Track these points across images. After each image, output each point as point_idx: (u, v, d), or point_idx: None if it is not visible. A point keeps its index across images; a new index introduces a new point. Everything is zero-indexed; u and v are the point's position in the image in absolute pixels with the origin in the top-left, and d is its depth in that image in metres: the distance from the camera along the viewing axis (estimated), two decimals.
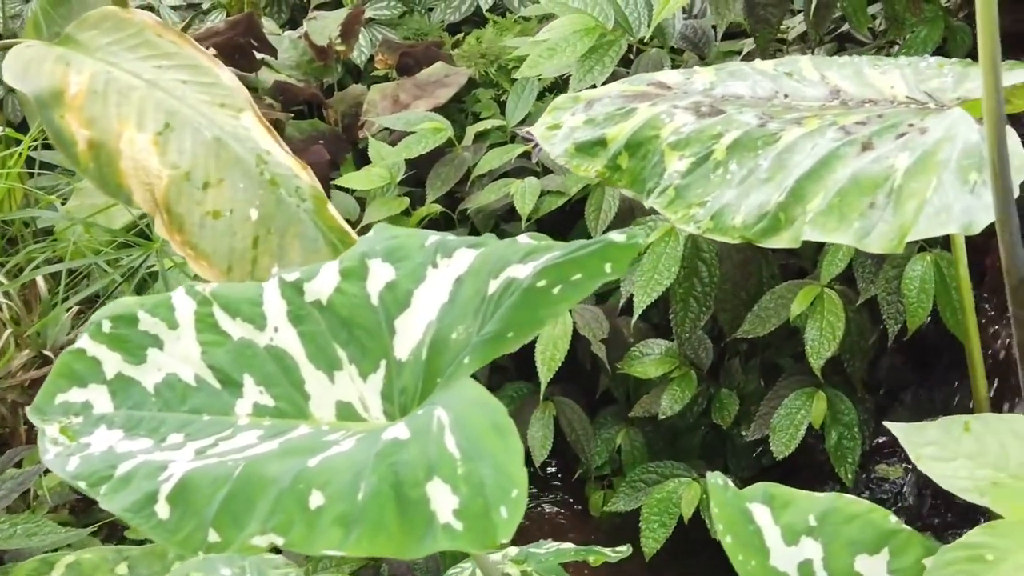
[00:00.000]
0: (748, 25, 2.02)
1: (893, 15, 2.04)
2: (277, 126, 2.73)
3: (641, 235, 0.87)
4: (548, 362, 2.28)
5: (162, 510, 0.86)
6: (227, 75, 1.33)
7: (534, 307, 0.87)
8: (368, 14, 3.20)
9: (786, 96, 1.27)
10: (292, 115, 2.82)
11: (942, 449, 0.95)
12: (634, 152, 1.27)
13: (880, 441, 2.24)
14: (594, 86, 2.40)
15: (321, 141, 2.77)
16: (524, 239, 0.93)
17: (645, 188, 1.25)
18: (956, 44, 2.08)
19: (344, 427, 0.94)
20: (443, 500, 0.78)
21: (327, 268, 0.98)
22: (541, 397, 2.33)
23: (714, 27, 2.36)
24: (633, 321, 2.21)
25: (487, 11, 3.35)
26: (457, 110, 3.04)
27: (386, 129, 2.78)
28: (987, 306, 2.13)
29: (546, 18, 2.85)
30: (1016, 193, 1.02)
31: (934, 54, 2.13)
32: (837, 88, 1.25)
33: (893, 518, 0.96)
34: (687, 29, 2.24)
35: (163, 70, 1.27)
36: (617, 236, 0.89)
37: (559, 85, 2.86)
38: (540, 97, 2.88)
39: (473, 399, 0.84)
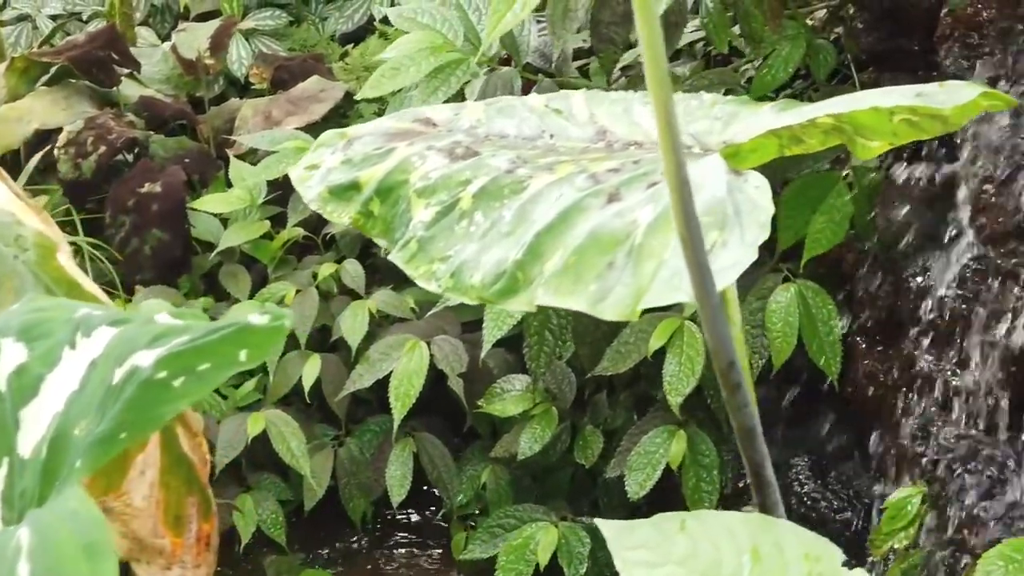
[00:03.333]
0: (592, 44, 1.91)
1: (751, 33, 1.92)
2: (138, 144, 2.60)
3: (288, 316, 0.75)
4: (402, 398, 2.16)
5: None
6: None
7: (150, 404, 0.75)
8: (251, 24, 3.07)
9: (552, 136, 1.15)
10: (153, 132, 2.68)
11: (652, 552, 0.83)
12: (385, 198, 1.14)
13: (747, 482, 2.13)
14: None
15: (187, 160, 2.63)
16: (163, 318, 0.81)
17: (394, 238, 1.13)
18: (819, 63, 1.97)
19: None
20: None
21: None
22: (394, 434, 2.20)
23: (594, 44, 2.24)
24: (483, 355, 2.09)
25: (380, 22, 3.22)
26: (338, 125, 2.91)
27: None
28: (859, 339, 2.02)
29: None
30: (740, 269, 0.90)
31: (796, 74, 2.03)
32: (604, 128, 1.13)
33: None
34: (545, 46, 2.12)
35: None
36: (256, 318, 0.76)
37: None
38: None
39: (69, 514, 0.72)
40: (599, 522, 0.87)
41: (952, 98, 1.03)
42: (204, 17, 3.14)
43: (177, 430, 1.23)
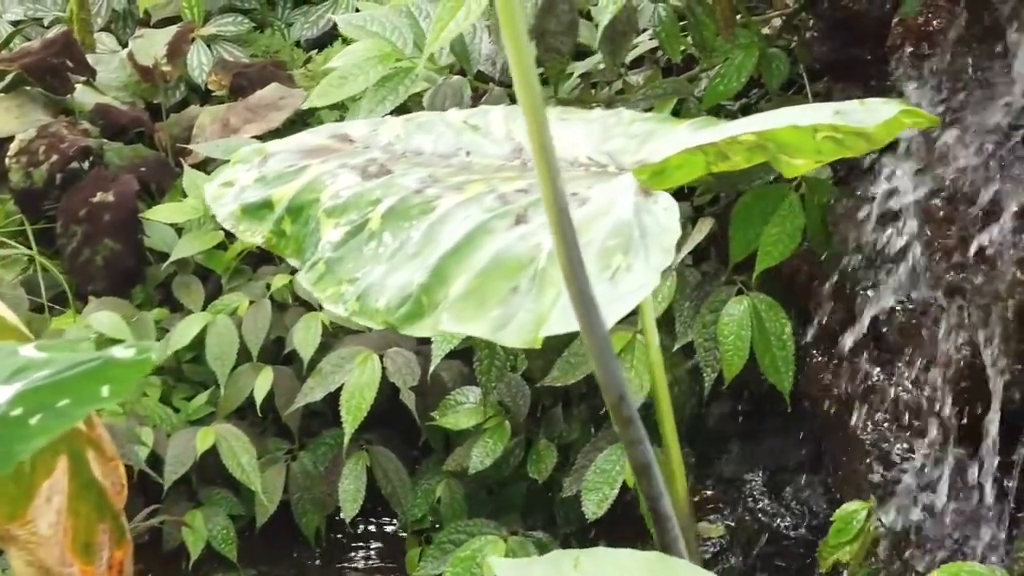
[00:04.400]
0: (538, 54, 1.87)
1: (701, 42, 1.89)
2: (92, 153, 2.56)
3: (156, 348, 0.71)
4: (354, 412, 2.12)
5: None
6: None
7: (4, 442, 0.71)
8: (212, 30, 3.03)
9: (468, 154, 1.12)
10: (111, 140, 2.64)
11: None
12: (296, 217, 1.11)
13: (704, 496, 2.10)
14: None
15: (143, 168, 2.60)
16: (28, 351, 0.77)
17: (304, 259, 1.10)
18: (772, 73, 1.94)
19: None
20: None
21: None
22: (345, 449, 2.16)
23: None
24: (431, 369, 2.06)
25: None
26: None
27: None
28: (815, 352, 1.99)
29: None
30: (643, 294, 0.87)
31: (749, 83, 2.00)
32: (520, 146, 1.10)
33: None
34: (496, 53, 2.09)
35: None
36: (120, 352, 0.73)
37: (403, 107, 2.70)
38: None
39: None
40: (493, 560, 0.83)
41: (872, 116, 1.00)
42: (165, 23, 3.09)
43: (88, 454, 1.19)
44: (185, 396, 2.38)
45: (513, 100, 2.11)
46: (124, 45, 3.11)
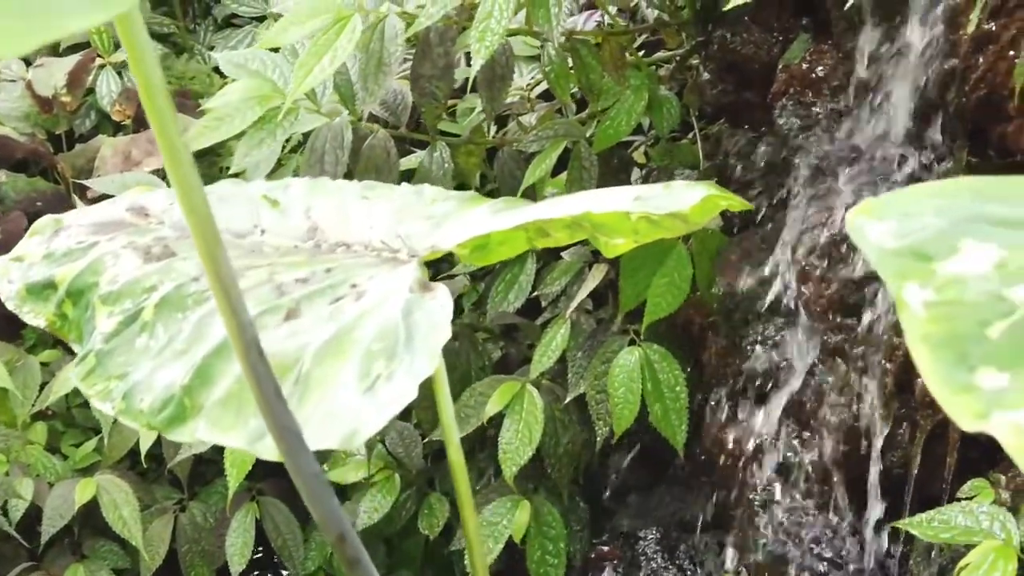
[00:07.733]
0: (414, 99, 1.79)
1: (588, 84, 1.81)
2: None
3: None
4: (238, 464, 2.03)
5: None
6: None
7: None
8: (123, 57, 2.94)
9: (263, 232, 1.04)
10: (10, 172, 2.55)
11: None
12: (77, 300, 1.03)
13: (599, 552, 2.02)
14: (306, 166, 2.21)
15: (39, 203, 2.51)
16: None
17: (84, 348, 1.01)
18: (661, 117, 1.86)
19: None
20: None
21: None
22: (230, 502, 2.08)
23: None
24: None
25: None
26: (210, 164, 2.80)
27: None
28: (712, 405, 1.91)
29: None
30: (403, 404, 0.80)
31: (639, 126, 1.93)
32: (316, 226, 1.02)
33: None
34: (386, 93, 2.01)
35: None
36: None
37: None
38: (296, 149, 2.67)
39: None
40: None
41: (674, 202, 0.93)
42: (75, 49, 3.00)
43: None
44: (75, 442, 2.29)
45: (400, 143, 2.04)
46: None
